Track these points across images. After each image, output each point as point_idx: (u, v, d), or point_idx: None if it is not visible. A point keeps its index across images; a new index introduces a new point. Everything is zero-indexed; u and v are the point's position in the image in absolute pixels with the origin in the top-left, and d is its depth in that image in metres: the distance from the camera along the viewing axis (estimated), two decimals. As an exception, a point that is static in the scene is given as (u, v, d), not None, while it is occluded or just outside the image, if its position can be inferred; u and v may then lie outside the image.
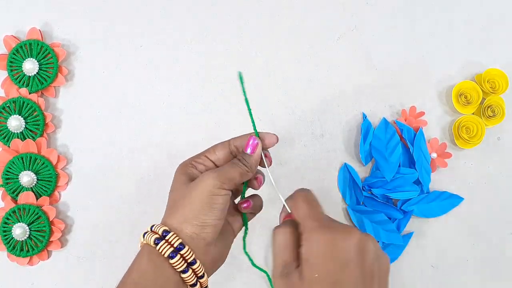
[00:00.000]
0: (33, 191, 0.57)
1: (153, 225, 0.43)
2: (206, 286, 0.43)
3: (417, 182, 0.59)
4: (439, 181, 0.60)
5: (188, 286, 0.42)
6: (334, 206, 0.59)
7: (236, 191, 0.48)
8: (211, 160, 0.46)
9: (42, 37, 0.58)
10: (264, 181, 0.48)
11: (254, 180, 0.47)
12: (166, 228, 0.42)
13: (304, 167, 0.59)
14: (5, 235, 0.55)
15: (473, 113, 0.61)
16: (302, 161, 0.59)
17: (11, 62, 0.57)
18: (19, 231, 0.55)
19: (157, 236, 0.41)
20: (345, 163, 0.59)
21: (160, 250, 0.41)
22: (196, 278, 0.42)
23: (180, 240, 0.41)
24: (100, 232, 0.58)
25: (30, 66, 0.57)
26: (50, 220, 0.56)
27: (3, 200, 0.57)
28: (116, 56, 0.60)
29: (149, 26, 0.60)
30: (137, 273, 0.41)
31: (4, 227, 0.55)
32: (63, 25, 0.60)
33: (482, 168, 0.61)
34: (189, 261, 0.41)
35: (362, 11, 0.62)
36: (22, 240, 0.55)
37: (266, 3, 0.61)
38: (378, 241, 0.58)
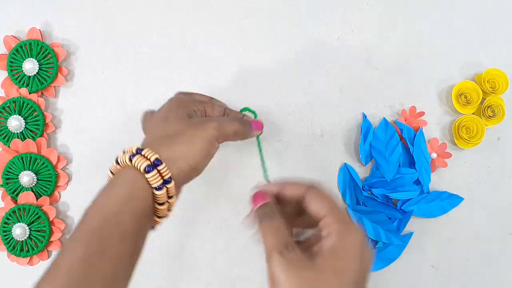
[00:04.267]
0: (33, 191, 0.57)
1: (140, 148, 0.42)
2: (170, 209, 0.44)
3: (417, 182, 0.59)
4: (439, 181, 0.60)
5: (155, 217, 0.42)
6: (334, 206, 0.59)
7: None
8: (206, 115, 0.49)
9: (42, 37, 0.58)
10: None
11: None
12: (157, 156, 0.41)
13: (304, 167, 0.59)
14: (5, 235, 0.55)
15: (473, 113, 0.61)
16: (302, 161, 0.59)
17: (11, 62, 0.57)
18: (19, 231, 0.55)
19: (148, 163, 0.40)
20: (345, 163, 0.59)
21: (149, 180, 0.40)
22: (166, 211, 0.43)
23: (170, 174, 0.41)
24: (100, 232, 0.58)
25: (30, 66, 0.57)
26: (50, 220, 0.56)
27: (3, 200, 0.57)
28: (116, 56, 0.60)
29: (149, 26, 0.60)
30: (116, 200, 0.39)
31: (4, 227, 0.55)
32: (63, 25, 0.60)
33: (482, 168, 0.61)
34: (170, 195, 0.42)
35: (362, 11, 0.62)
36: (22, 240, 0.55)
37: (266, 3, 0.61)
38: (378, 241, 0.58)
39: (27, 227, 0.55)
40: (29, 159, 0.56)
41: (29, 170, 0.56)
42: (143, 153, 0.41)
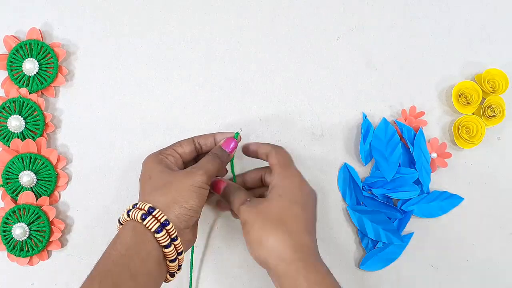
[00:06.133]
0: (33, 191, 0.57)
1: (135, 204, 0.46)
2: (181, 264, 0.48)
3: (417, 182, 0.59)
4: (439, 181, 0.60)
5: (168, 262, 0.46)
6: (334, 206, 0.59)
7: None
8: (178, 153, 0.52)
9: (42, 37, 0.58)
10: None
11: None
12: (151, 205, 0.45)
13: (304, 167, 0.59)
14: (5, 235, 0.55)
15: (473, 113, 0.61)
16: (302, 161, 0.59)
17: (11, 62, 0.57)
18: (19, 231, 0.55)
19: (143, 212, 0.45)
20: (345, 163, 0.59)
21: (147, 225, 0.44)
22: (176, 254, 0.46)
23: (165, 217, 0.45)
24: (100, 232, 0.58)
25: (30, 66, 0.57)
26: (50, 220, 0.56)
27: (3, 200, 0.57)
28: (116, 56, 0.60)
29: (149, 26, 0.60)
30: (122, 246, 0.44)
31: (4, 227, 0.55)
32: (63, 25, 0.60)
33: (482, 168, 0.61)
34: (172, 237, 0.45)
35: (362, 11, 0.62)
36: (22, 240, 0.55)
37: (266, 3, 0.61)
38: (378, 241, 0.58)
39: (27, 227, 0.55)
40: (29, 159, 0.56)
41: (29, 170, 0.56)
42: (137, 206, 0.46)
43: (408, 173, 0.58)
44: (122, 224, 0.47)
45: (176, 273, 0.48)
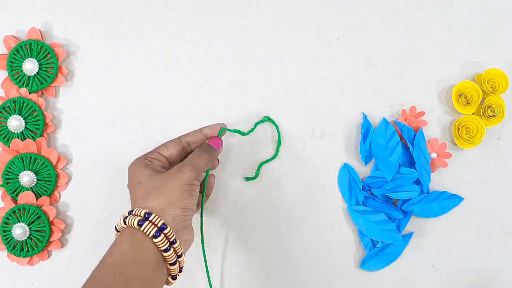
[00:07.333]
0: (33, 191, 0.57)
1: (131, 210, 0.46)
2: (182, 266, 0.48)
3: (417, 182, 0.59)
4: (439, 181, 0.60)
5: (168, 265, 0.46)
6: (334, 206, 0.59)
7: None
8: (164, 156, 0.52)
9: (42, 37, 0.58)
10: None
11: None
12: (147, 210, 0.45)
13: (304, 167, 0.59)
14: (5, 235, 0.55)
15: (473, 113, 0.61)
16: (302, 161, 0.59)
17: (11, 62, 0.57)
18: (19, 231, 0.55)
19: (140, 218, 0.45)
20: (345, 163, 0.59)
21: (144, 231, 0.44)
22: (176, 257, 0.46)
23: (162, 220, 0.45)
24: (100, 232, 0.58)
25: (30, 66, 0.57)
26: (50, 220, 0.56)
27: (3, 200, 0.57)
28: (116, 56, 0.60)
29: (149, 26, 0.60)
30: (118, 253, 0.44)
31: (4, 227, 0.55)
32: (63, 25, 0.60)
33: (482, 168, 0.61)
34: (171, 240, 0.45)
35: (362, 11, 0.62)
36: (22, 240, 0.55)
37: (266, 3, 0.61)
38: (378, 241, 0.58)
39: (27, 227, 0.55)
40: (29, 159, 0.56)
41: (29, 170, 0.56)
42: (133, 212, 0.46)
43: (408, 173, 0.58)
44: (119, 232, 0.47)
45: (178, 275, 0.48)
